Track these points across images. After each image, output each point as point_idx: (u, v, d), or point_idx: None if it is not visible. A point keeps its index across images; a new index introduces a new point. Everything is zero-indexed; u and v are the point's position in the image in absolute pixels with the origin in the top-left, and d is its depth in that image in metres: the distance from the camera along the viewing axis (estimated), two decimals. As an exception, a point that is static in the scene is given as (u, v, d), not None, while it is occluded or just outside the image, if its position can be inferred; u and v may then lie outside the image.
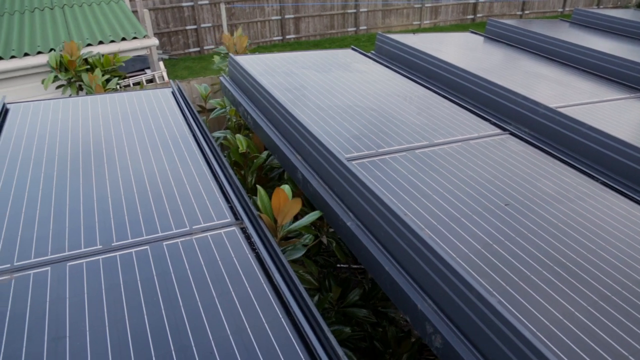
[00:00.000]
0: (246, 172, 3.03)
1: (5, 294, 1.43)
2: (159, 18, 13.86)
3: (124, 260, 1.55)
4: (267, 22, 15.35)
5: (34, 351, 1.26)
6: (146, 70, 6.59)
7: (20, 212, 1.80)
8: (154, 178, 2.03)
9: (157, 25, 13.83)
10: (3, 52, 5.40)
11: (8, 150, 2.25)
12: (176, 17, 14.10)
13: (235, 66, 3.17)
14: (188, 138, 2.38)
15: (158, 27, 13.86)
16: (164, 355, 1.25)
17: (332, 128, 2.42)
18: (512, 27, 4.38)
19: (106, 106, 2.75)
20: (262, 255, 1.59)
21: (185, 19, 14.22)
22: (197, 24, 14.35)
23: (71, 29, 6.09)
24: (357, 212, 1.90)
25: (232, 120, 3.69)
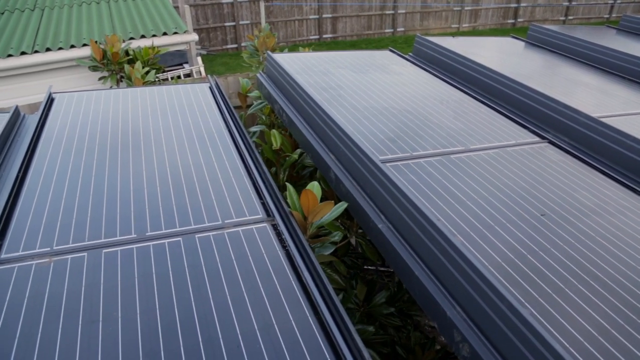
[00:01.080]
0: (278, 170, 3.04)
1: (45, 276, 1.48)
2: (199, 14, 14.10)
3: (157, 250, 1.58)
4: (305, 21, 15.42)
5: (69, 333, 1.29)
6: (184, 65, 6.72)
7: (60, 198, 1.85)
8: (189, 171, 2.06)
9: (196, 21, 14.06)
10: (52, 44, 5.59)
11: (52, 138, 2.33)
12: (215, 13, 14.31)
13: (273, 63, 3.19)
14: (223, 133, 2.41)
15: (198, 23, 14.09)
16: (192, 346, 1.27)
17: (367, 129, 2.41)
18: (555, 33, 4.27)
19: (145, 99, 2.81)
20: (292, 253, 1.60)
21: (224, 16, 14.42)
22: (235, 20, 14.53)
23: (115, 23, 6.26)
24: (389, 215, 1.89)
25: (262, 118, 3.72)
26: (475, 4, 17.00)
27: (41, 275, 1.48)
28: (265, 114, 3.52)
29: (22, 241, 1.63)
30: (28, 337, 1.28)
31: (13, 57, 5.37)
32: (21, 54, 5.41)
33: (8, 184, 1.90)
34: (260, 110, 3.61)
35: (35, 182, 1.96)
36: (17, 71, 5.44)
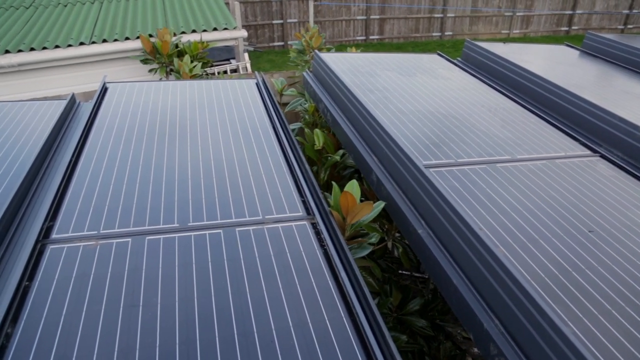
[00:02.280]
0: (319, 169, 3.05)
1: (91, 258, 1.53)
2: (248, 11, 14.31)
3: (198, 240, 1.61)
4: (352, 22, 15.40)
5: (111, 314, 1.34)
6: (231, 60, 6.82)
7: (109, 184, 1.92)
8: (232, 165, 2.09)
9: (245, 18, 14.28)
10: (108, 35, 5.80)
11: (104, 125, 2.41)
12: (264, 10, 14.49)
13: (320, 63, 3.20)
14: (268, 129, 2.44)
15: (246, 20, 14.31)
16: (227, 338, 1.29)
17: (412, 133, 2.38)
18: (613, 42, 4.10)
19: (193, 92, 2.87)
20: (330, 252, 1.60)
21: (273, 13, 14.58)
22: (283, 18, 14.66)
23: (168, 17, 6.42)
24: (430, 221, 1.86)
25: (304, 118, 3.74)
26: (528, 10, 16.54)
27: (88, 257, 1.54)
28: (309, 113, 3.54)
29: (71, 223, 1.69)
30: (73, 315, 1.33)
31: (72, 47, 5.60)
32: (80, 44, 5.64)
33: (62, 168, 1.98)
34: (303, 108, 3.63)
35: (87, 168, 2.03)
36: (75, 60, 5.67)
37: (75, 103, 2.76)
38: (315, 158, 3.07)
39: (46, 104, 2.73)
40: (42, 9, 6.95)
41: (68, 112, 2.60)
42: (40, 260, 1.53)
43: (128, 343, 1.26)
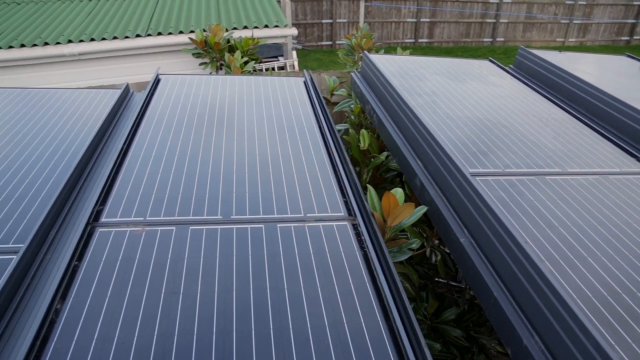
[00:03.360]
0: (362, 169, 3.04)
1: (136, 244, 1.58)
2: (298, 9, 14.41)
3: (239, 234, 1.64)
4: (402, 24, 15.27)
5: (152, 299, 1.37)
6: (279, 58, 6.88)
7: (157, 173, 1.97)
8: (277, 161, 2.11)
9: (295, 16, 14.39)
10: (163, 28, 5.97)
11: (155, 116, 2.48)
12: (314, 9, 14.56)
13: (368, 64, 3.19)
14: (314, 128, 2.45)
15: (296, 18, 14.42)
16: (263, 332, 1.30)
17: (459, 139, 2.34)
18: (679, 57, 3.90)
19: (243, 87, 2.92)
20: (370, 255, 1.59)
21: (323, 13, 14.62)
22: (333, 18, 14.69)
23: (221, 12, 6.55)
24: (473, 230, 1.82)
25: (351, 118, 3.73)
26: (587, 18, 15.94)
27: (133, 242, 1.59)
28: (354, 113, 3.53)
29: (120, 208, 1.75)
30: (117, 297, 1.38)
31: (129, 39, 5.80)
32: (136, 37, 5.84)
33: (114, 155, 2.05)
34: (350, 109, 3.62)
35: (137, 155, 2.10)
36: (130, 52, 5.88)
37: (129, 93, 2.85)
38: (360, 159, 3.06)
39: (102, 92, 2.83)
40: (104, 2, 7.23)
41: (122, 101, 2.69)
42: (89, 241, 1.59)
43: (167, 328, 1.30)
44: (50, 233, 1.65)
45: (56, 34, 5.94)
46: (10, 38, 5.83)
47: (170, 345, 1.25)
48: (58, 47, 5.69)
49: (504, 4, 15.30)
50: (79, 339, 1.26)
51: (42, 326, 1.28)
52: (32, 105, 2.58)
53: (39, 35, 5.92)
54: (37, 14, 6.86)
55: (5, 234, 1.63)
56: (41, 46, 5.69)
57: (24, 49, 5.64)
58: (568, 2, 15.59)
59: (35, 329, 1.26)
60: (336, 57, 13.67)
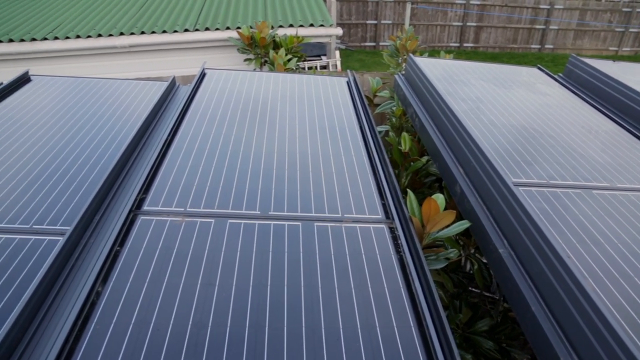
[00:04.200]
0: (401, 172, 3.01)
1: (175, 233, 1.61)
2: (344, 9, 14.40)
3: (276, 230, 1.65)
4: (447, 27, 15.04)
5: (189, 288, 1.40)
6: (322, 57, 6.90)
7: (199, 165, 2.01)
8: (317, 160, 2.12)
9: (340, 16, 14.39)
10: (211, 24, 6.09)
11: (199, 109, 2.53)
12: (360, 10, 14.51)
13: (413, 66, 3.16)
14: (355, 128, 2.44)
15: (341, 18, 14.41)
16: (295, 329, 1.31)
17: (502, 147, 2.28)
18: None
19: (286, 84, 2.94)
20: (406, 260, 1.57)
21: (368, 13, 14.56)
22: (377, 19, 14.61)
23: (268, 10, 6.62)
24: (513, 241, 1.78)
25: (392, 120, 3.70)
26: (644, 28, 15.27)
27: (173, 232, 1.62)
28: (396, 116, 3.50)
29: (162, 198, 1.79)
30: (155, 284, 1.41)
31: (177, 33, 5.94)
32: (184, 31, 5.97)
33: (158, 145, 2.11)
34: (392, 111, 3.60)
35: (180, 147, 2.15)
36: (178, 45, 6.02)
37: (175, 85, 2.92)
38: (399, 162, 3.04)
39: (149, 84, 2.91)
40: (155, -5, 7.43)
41: (168, 93, 2.75)
42: (131, 228, 1.64)
43: (202, 319, 1.32)
44: (94, 218, 1.71)
45: (109, 27, 6.15)
46: (67, 29, 6.07)
47: (204, 335, 1.27)
48: (110, 39, 5.89)
49: (555, 9, 14.85)
50: (117, 322, 1.29)
51: (83, 307, 1.33)
52: (84, 94, 2.67)
53: (94, 27, 6.14)
54: (92, 7, 7.12)
55: (54, 217, 1.70)
56: (95, 37, 5.90)
57: (79, 40, 5.86)
58: (625, 9, 14.99)
59: (78, 309, 1.30)
60: (379, 58, 13.59)
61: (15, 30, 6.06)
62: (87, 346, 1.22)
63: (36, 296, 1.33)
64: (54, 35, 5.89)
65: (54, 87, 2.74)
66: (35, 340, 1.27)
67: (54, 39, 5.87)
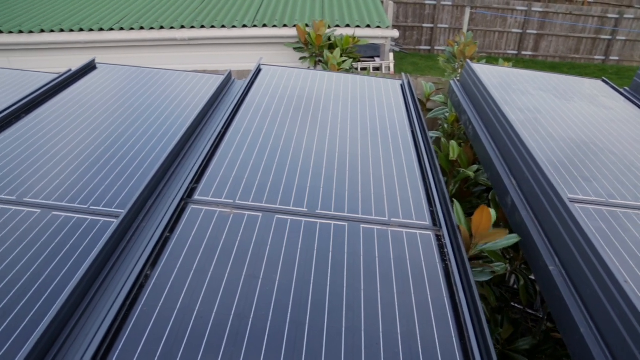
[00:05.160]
0: (449, 180, 2.96)
1: (223, 224, 1.65)
2: (400, 11, 14.27)
3: (322, 228, 1.66)
4: (506, 34, 14.63)
5: (233, 280, 1.43)
6: (375, 58, 6.86)
7: (250, 159, 2.04)
8: (367, 161, 2.11)
9: (396, 18, 14.26)
10: (268, 20, 6.18)
11: (253, 103, 2.57)
12: (416, 13, 14.34)
13: (470, 73, 3.09)
14: (407, 132, 2.41)
15: (397, 20, 14.29)
16: (335, 330, 1.31)
17: (559, 161, 2.20)
18: None
19: (340, 84, 2.94)
20: (452, 269, 1.54)
21: (424, 17, 14.37)
22: (434, 23, 14.39)
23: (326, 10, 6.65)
24: (565, 259, 1.71)
25: (444, 126, 3.64)
26: None
27: (221, 223, 1.66)
28: (448, 122, 3.44)
29: (212, 189, 1.84)
30: (201, 272, 1.45)
31: (235, 29, 6.07)
32: (242, 27, 6.09)
33: (212, 137, 2.16)
34: (444, 117, 3.54)
35: (233, 140, 2.19)
36: (235, 41, 6.16)
37: (231, 80, 2.98)
38: (447, 169, 2.98)
39: (206, 77, 2.98)
40: (216, -10, 7.60)
41: (223, 87, 2.81)
42: (181, 216, 1.68)
43: (244, 310, 1.34)
44: (147, 203, 1.77)
45: (171, 20, 6.35)
46: (132, 21, 6.32)
47: (245, 326, 1.29)
48: (172, 31, 6.08)
49: (624, 19, 14.16)
50: (163, 305, 1.33)
51: (132, 288, 1.38)
52: (145, 83, 2.77)
53: (157, 20, 6.36)
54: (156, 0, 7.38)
55: (110, 199, 1.77)
56: (157, 30, 6.11)
57: (143, 31, 6.09)
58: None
59: (127, 290, 1.35)
60: (433, 62, 13.39)
61: (85, 21, 6.37)
62: (134, 327, 1.27)
63: (89, 274, 1.39)
64: (120, 26, 6.15)
65: (117, 75, 2.85)
66: (86, 315, 1.32)
67: (119, 29, 6.13)
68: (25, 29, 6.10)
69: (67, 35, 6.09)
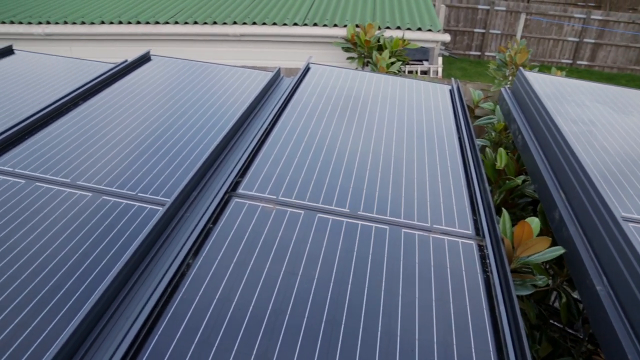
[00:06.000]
0: (494, 190, 2.89)
1: (265, 220, 1.67)
2: (451, 15, 14.03)
3: (363, 230, 1.65)
4: (561, 42, 14.14)
5: (272, 275, 1.44)
6: (423, 62, 6.78)
7: (295, 156, 2.06)
8: (411, 165, 2.09)
9: (447, 22, 14.04)
10: (319, 20, 6.21)
11: (300, 101, 2.59)
12: (468, 17, 14.07)
13: (522, 81, 3.01)
14: (454, 138, 2.37)
15: (447, 24, 14.06)
16: (370, 333, 1.30)
17: (614, 177, 2.11)
18: None
19: (388, 86, 2.92)
20: (493, 281, 1.51)
21: (476, 21, 14.08)
22: (486, 28, 14.08)
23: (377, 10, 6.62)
24: (614, 280, 1.64)
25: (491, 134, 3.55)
26: None
27: (263, 218, 1.68)
28: (496, 130, 3.36)
29: (256, 183, 1.86)
30: (242, 265, 1.47)
31: (286, 26, 6.14)
32: (293, 25, 6.15)
33: (259, 132, 2.19)
34: (492, 125, 3.46)
35: (278, 137, 2.21)
36: (285, 38, 6.23)
37: (280, 77, 3.01)
38: (493, 179, 2.91)
39: (255, 72, 3.02)
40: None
41: (272, 83, 2.85)
42: (225, 208, 1.72)
43: (281, 306, 1.35)
44: (192, 194, 1.81)
45: (224, 15, 6.48)
46: (187, 15, 6.50)
47: (282, 322, 1.30)
48: (224, 27, 6.21)
49: (691, 33, 13.44)
50: (203, 294, 1.36)
51: (174, 275, 1.41)
52: (196, 76, 2.84)
53: (210, 15, 6.51)
54: (211, -6, 7.54)
55: (157, 187, 1.82)
56: (210, 25, 6.25)
57: (196, 25, 6.25)
58: None
59: (170, 277, 1.39)
60: (482, 68, 13.09)
61: (142, 14, 6.59)
62: (174, 312, 1.30)
63: (134, 258, 1.43)
64: (175, 20, 6.33)
65: (170, 67, 2.93)
66: (129, 298, 1.37)
67: (174, 23, 6.31)
68: (88, 20, 6.37)
69: (125, 27, 6.32)
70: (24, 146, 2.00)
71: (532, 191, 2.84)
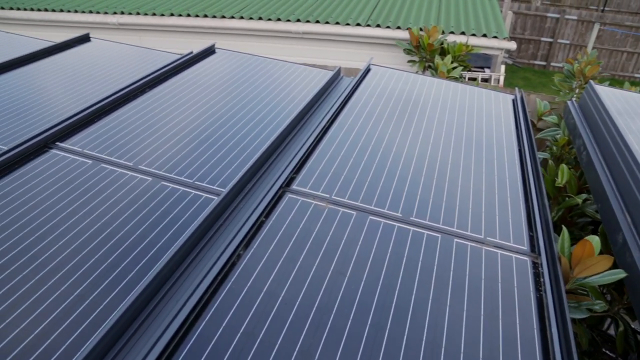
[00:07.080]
0: (552, 206, 2.78)
1: (317, 218, 1.68)
2: (518, 23, 13.58)
3: (415, 237, 1.63)
4: (636, 55, 13.39)
5: (320, 273, 1.45)
6: (485, 69, 6.60)
7: (350, 156, 2.06)
8: (468, 174, 2.04)
9: (513, 29, 13.60)
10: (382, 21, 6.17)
11: (359, 102, 2.59)
12: (536, 25, 13.57)
13: (591, 94, 2.87)
14: (514, 149, 2.30)
15: (513, 32, 13.62)
16: (415, 341, 1.28)
17: (686, 203, 1.98)
18: None
19: (449, 92, 2.87)
20: (546, 300, 1.45)
21: (544, 30, 13.56)
22: (554, 37, 13.53)
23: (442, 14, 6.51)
24: (680, 312, 1.54)
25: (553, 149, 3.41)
26: None
27: (315, 216, 1.69)
28: (558, 145, 3.23)
29: (310, 181, 1.87)
30: (291, 260, 1.49)
31: (349, 26, 6.16)
32: (355, 25, 6.15)
33: (316, 130, 2.20)
34: (554, 139, 3.32)
35: (335, 136, 2.22)
36: (346, 38, 6.24)
37: (339, 76, 3.02)
38: (552, 195, 2.80)
39: (315, 71, 3.04)
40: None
41: (332, 82, 2.86)
42: (278, 203, 1.74)
43: (327, 304, 1.36)
44: (247, 186, 1.85)
45: (288, 12, 6.57)
46: (252, 11, 6.64)
47: (326, 321, 1.31)
48: (288, 24, 6.30)
49: None
50: (251, 286, 1.39)
51: (225, 265, 1.45)
52: (258, 71, 2.89)
53: (275, 12, 6.61)
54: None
55: (213, 177, 1.87)
56: (274, 21, 6.35)
57: (261, 21, 6.37)
58: None
59: (220, 266, 1.42)
60: (547, 79, 12.60)
61: (209, 8, 6.80)
62: (222, 301, 1.33)
63: (187, 244, 1.48)
64: (240, 14, 6.47)
65: (233, 61, 3.00)
66: (179, 282, 1.41)
67: (239, 18, 6.45)
68: (158, 12, 6.63)
69: (192, 20, 6.53)
70: (93, 128, 2.11)
71: (594, 211, 2.71)
